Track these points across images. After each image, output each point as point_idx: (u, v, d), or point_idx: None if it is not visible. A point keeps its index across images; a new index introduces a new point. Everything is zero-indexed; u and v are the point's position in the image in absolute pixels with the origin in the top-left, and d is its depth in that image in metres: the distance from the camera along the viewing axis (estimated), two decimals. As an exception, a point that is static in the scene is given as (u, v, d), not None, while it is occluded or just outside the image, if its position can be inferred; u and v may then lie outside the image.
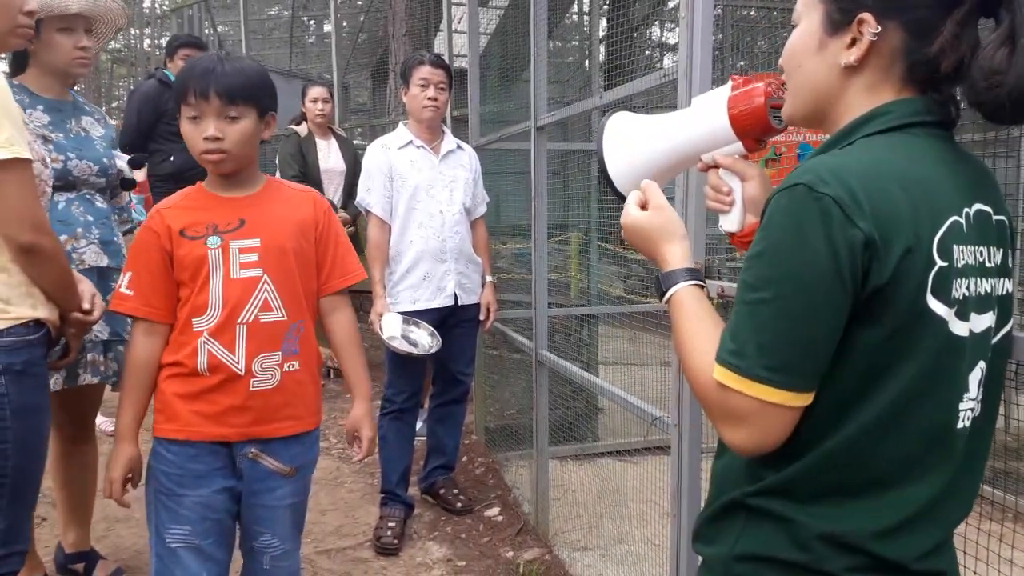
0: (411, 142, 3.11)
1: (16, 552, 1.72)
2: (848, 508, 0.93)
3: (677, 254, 1.09)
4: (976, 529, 1.60)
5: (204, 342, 1.72)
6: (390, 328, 2.97)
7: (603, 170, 1.23)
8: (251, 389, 1.74)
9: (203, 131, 1.70)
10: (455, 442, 3.43)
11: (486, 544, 3.04)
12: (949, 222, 0.90)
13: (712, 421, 0.97)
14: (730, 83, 1.15)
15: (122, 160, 2.55)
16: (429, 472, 3.38)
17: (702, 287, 1.06)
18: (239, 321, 1.72)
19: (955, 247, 0.90)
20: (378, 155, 3.09)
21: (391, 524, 3.02)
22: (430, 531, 3.15)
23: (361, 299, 5.58)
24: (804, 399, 0.90)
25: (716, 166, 1.20)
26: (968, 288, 0.91)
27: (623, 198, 1.21)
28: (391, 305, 3.07)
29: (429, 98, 3.06)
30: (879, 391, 0.90)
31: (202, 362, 1.72)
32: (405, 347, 2.95)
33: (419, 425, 3.55)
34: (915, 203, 0.88)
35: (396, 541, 2.97)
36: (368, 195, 3.09)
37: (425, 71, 3.07)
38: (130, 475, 1.80)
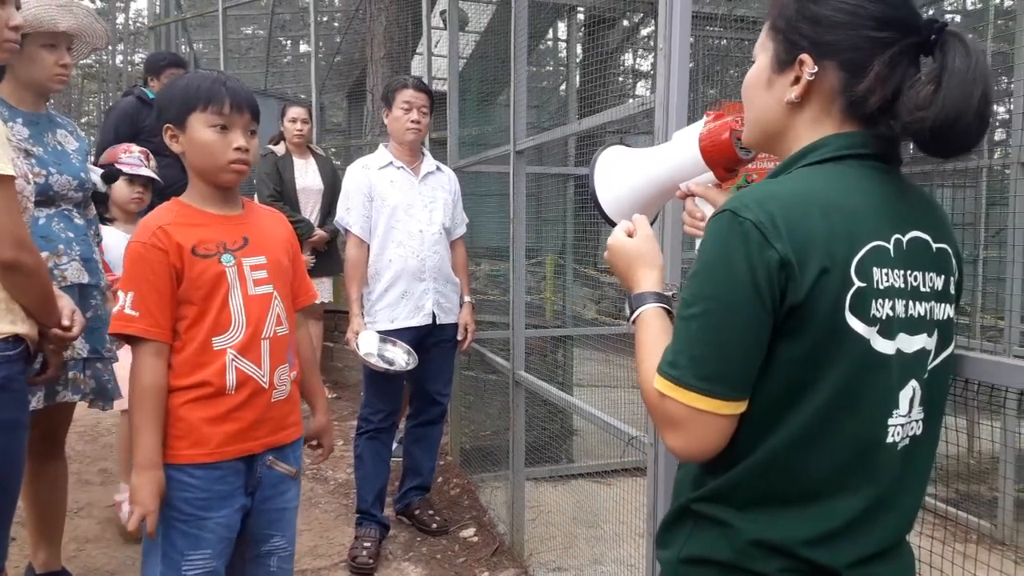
0: (391, 163, 3.15)
1: (-10, 570, 1.70)
2: (779, 515, 0.99)
3: (651, 279, 1.17)
4: (943, 545, 1.65)
5: (232, 360, 1.73)
6: (367, 346, 2.98)
7: (595, 199, 1.31)
8: (271, 401, 1.80)
9: (233, 141, 1.74)
10: (432, 463, 3.43)
11: (462, 564, 3.05)
12: (870, 246, 0.96)
13: (658, 429, 1.04)
14: (705, 118, 1.24)
15: (95, 173, 2.56)
16: (404, 493, 3.37)
17: (668, 311, 1.13)
18: (263, 336, 1.77)
19: (876, 269, 0.96)
20: (358, 175, 3.13)
21: (367, 544, 3.01)
22: (405, 551, 3.15)
23: (336, 319, 5.59)
24: (733, 407, 0.97)
25: (692, 194, 1.29)
26: (893, 308, 0.97)
27: (614, 225, 1.29)
28: (369, 324, 3.08)
29: (412, 121, 3.10)
30: (803, 403, 0.96)
31: (231, 379, 1.72)
32: (381, 365, 2.96)
33: (394, 446, 3.55)
34: (833, 228, 0.94)
35: (372, 561, 2.96)
36: (347, 214, 3.12)
37: (408, 94, 3.12)
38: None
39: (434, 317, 3.15)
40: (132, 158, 3.10)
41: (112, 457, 3.92)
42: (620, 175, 1.31)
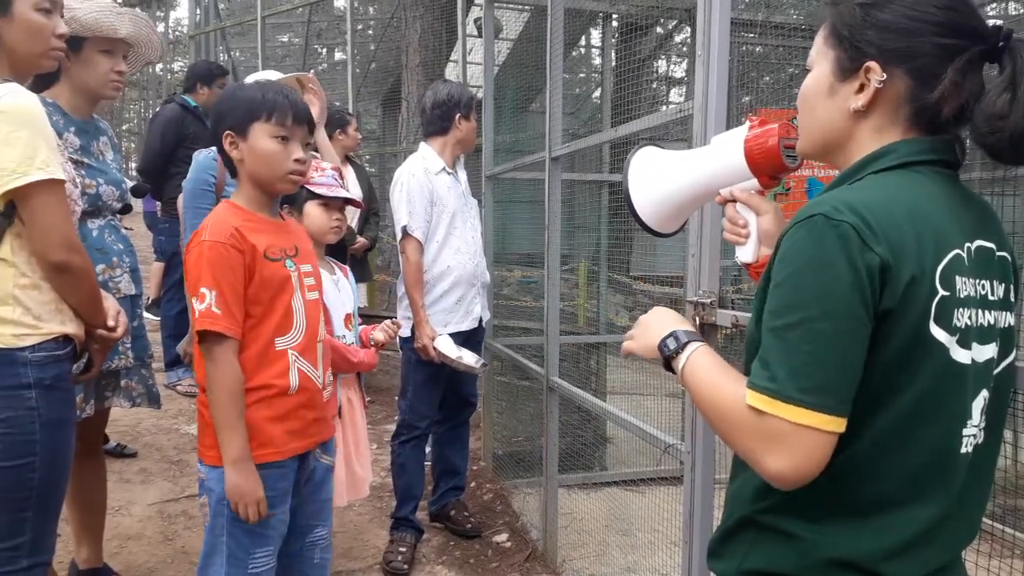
0: (444, 168, 3.17)
1: (40, 563, 1.74)
2: (854, 527, 0.96)
3: (678, 320, 1.15)
4: (988, 559, 1.62)
5: (295, 360, 1.79)
6: (450, 349, 3.00)
7: (628, 201, 1.29)
8: (324, 400, 1.87)
9: (293, 153, 1.78)
10: (465, 463, 3.46)
11: (495, 569, 3.05)
12: (951, 255, 0.94)
13: (750, 454, 0.95)
14: (748, 123, 1.22)
15: (127, 186, 2.58)
16: (442, 494, 3.39)
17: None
18: (318, 339, 1.84)
19: (957, 278, 0.94)
20: (421, 179, 3.09)
21: (402, 549, 3.03)
22: (439, 555, 3.16)
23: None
24: (837, 423, 0.91)
25: (733, 200, 1.26)
26: (970, 318, 0.96)
27: (646, 227, 1.28)
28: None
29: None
30: (884, 411, 0.94)
31: (293, 380, 1.77)
32: (465, 365, 2.99)
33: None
34: (919, 235, 0.93)
35: (406, 566, 2.97)
36: (411, 218, 3.06)
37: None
38: None
39: (480, 320, 3.21)
40: (326, 177, 2.42)
41: (152, 457, 3.99)
42: (655, 177, 1.28)
